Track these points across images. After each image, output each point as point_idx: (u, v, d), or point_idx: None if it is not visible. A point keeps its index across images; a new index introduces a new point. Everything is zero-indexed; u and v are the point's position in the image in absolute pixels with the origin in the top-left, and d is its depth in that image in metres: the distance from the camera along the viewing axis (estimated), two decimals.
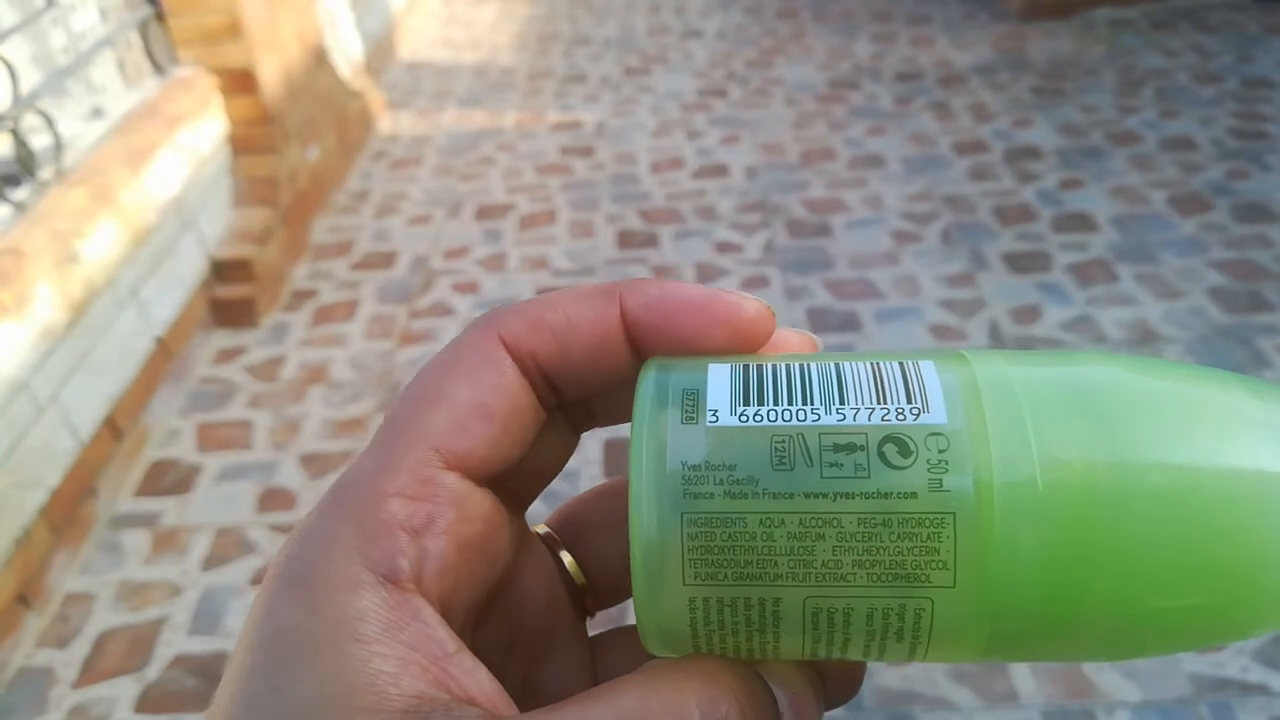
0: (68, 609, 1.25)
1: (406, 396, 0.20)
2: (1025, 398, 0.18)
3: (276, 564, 0.18)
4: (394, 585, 0.17)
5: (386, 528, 0.18)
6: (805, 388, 0.19)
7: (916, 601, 0.17)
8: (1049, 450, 0.17)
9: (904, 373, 0.19)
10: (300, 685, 0.16)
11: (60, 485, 1.29)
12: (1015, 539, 0.17)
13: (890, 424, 0.18)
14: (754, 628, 0.18)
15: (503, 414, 0.20)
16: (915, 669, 1.10)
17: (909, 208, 2.01)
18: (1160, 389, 0.19)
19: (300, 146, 2.03)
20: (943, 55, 2.75)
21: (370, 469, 0.19)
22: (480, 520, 0.19)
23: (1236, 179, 2.00)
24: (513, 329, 0.20)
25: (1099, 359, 0.19)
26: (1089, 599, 0.17)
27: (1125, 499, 0.17)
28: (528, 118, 2.57)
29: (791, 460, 0.18)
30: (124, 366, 1.48)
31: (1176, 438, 0.18)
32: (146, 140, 1.62)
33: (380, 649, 0.17)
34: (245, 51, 1.83)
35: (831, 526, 0.17)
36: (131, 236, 1.53)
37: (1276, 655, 1.09)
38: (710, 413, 0.18)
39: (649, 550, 0.18)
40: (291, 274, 1.92)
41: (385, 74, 2.86)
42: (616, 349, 0.20)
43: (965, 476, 0.17)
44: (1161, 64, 2.56)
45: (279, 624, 0.17)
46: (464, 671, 0.17)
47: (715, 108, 2.55)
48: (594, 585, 0.24)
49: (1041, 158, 2.16)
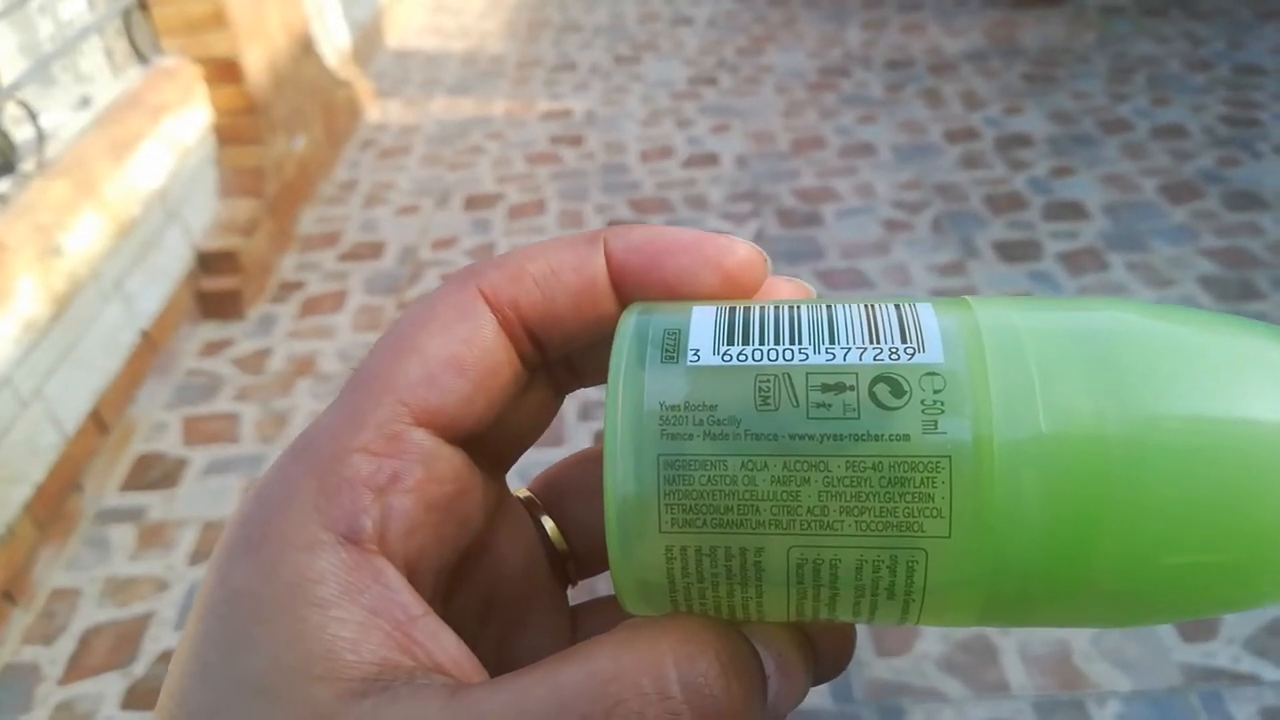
0: (53, 605, 1.24)
1: (375, 350, 0.19)
2: (1031, 342, 0.17)
3: (231, 525, 0.17)
4: (355, 546, 0.16)
5: (348, 485, 0.17)
6: (794, 328, 0.18)
7: (909, 553, 0.16)
8: (1056, 396, 0.16)
9: (900, 314, 0.18)
10: (253, 653, 0.15)
11: (45, 480, 1.28)
12: (1017, 489, 0.16)
13: (883, 363, 0.17)
14: (736, 580, 0.17)
15: (478, 369, 0.18)
16: (905, 659, 1.10)
17: (900, 196, 2.00)
18: (1178, 336, 0.17)
19: (286, 136, 2.01)
20: (934, 42, 2.74)
21: (333, 423, 0.18)
22: (451, 480, 0.18)
23: (1228, 166, 2.00)
24: (492, 280, 0.19)
25: (1113, 305, 0.18)
26: (1097, 556, 0.16)
27: (1139, 451, 0.16)
28: (517, 106, 2.55)
29: (776, 401, 0.17)
30: (109, 360, 1.47)
31: (1195, 387, 0.16)
32: (130, 131, 1.61)
33: (338, 613, 0.16)
34: (230, 40, 1.81)
35: (818, 470, 0.16)
36: (115, 228, 1.51)
37: (1267, 644, 1.09)
38: (691, 352, 0.17)
39: (624, 494, 0.17)
40: (278, 265, 1.91)
41: (373, 62, 2.83)
42: (601, 297, 0.19)
43: (963, 419, 0.16)
44: (1153, 51, 2.56)
45: (231, 588, 0.16)
46: (429, 636, 0.16)
47: (705, 96, 2.54)
48: (576, 552, 0.23)
49: (1032, 145, 2.15)
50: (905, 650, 1.11)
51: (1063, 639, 1.11)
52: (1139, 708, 1.03)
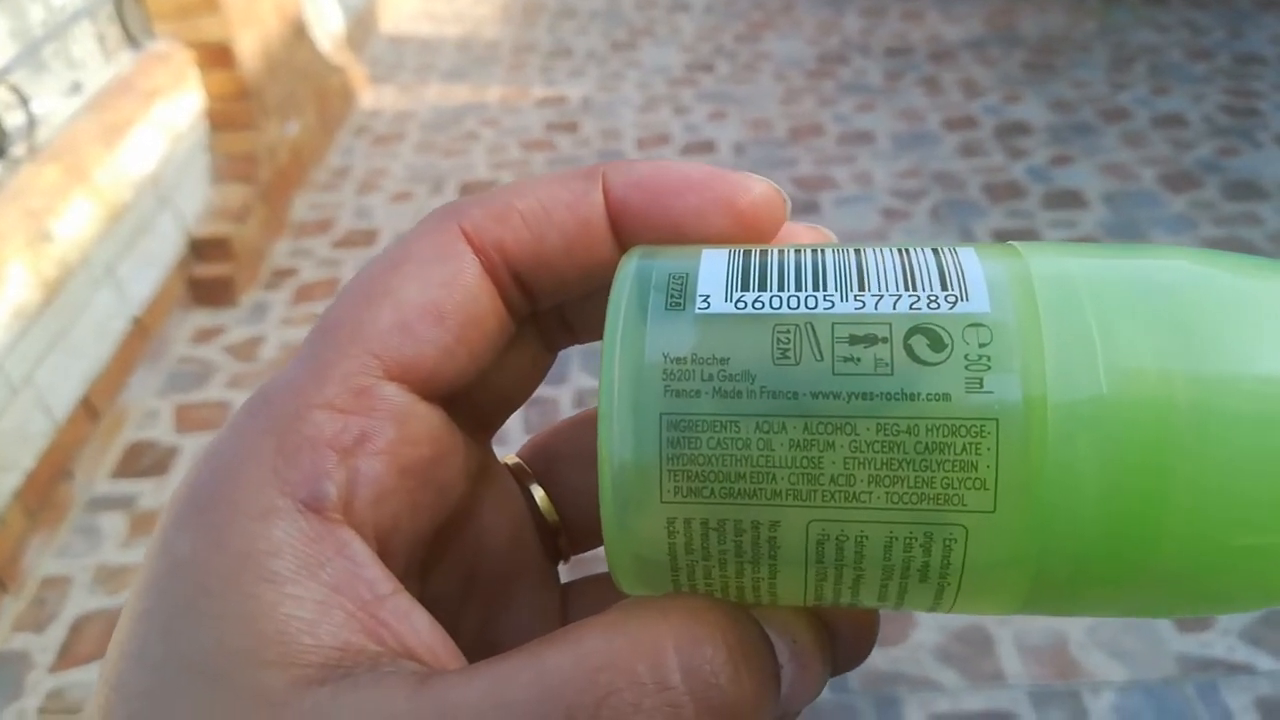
0: (44, 593, 1.24)
1: (343, 295, 0.17)
2: (1089, 292, 0.15)
3: (179, 490, 0.15)
4: (316, 514, 0.15)
5: (310, 445, 0.15)
6: (818, 273, 0.16)
7: (947, 530, 0.14)
8: (1118, 354, 0.14)
9: (939, 259, 0.16)
10: (196, 633, 0.14)
11: (35, 468, 1.27)
12: (1072, 457, 0.14)
13: (920, 312, 0.15)
14: (746, 558, 0.15)
15: (459, 317, 0.16)
16: (901, 649, 1.09)
17: (898, 185, 1.99)
18: (1255, 289, 0.15)
19: (279, 122, 2.00)
20: (933, 30, 2.73)
21: (294, 377, 0.16)
22: (427, 442, 0.16)
23: (1227, 156, 1.99)
24: (475, 218, 0.17)
25: (1181, 253, 0.16)
26: (1159, 535, 0.14)
27: (1209, 417, 0.14)
28: (512, 92, 2.53)
29: (797, 354, 0.15)
30: (100, 346, 1.46)
31: (1268, 346, 0.14)
32: (121, 116, 1.59)
33: (295, 590, 0.14)
34: (222, 25, 1.79)
35: (844, 434, 0.14)
36: (107, 214, 1.50)
37: (1263, 634, 1.08)
38: (700, 298, 0.15)
39: (620, 458, 0.15)
40: (271, 252, 1.89)
41: (367, 48, 2.81)
42: (598, 239, 0.17)
43: (1011, 376, 0.14)
44: (1153, 40, 2.54)
45: (174, 559, 0.14)
46: (399, 617, 0.15)
47: (702, 83, 2.52)
48: (569, 524, 0.21)
49: (1032, 134, 2.14)
50: (901, 640, 1.11)
51: (1059, 628, 1.10)
52: (1134, 697, 1.03)
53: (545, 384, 0.25)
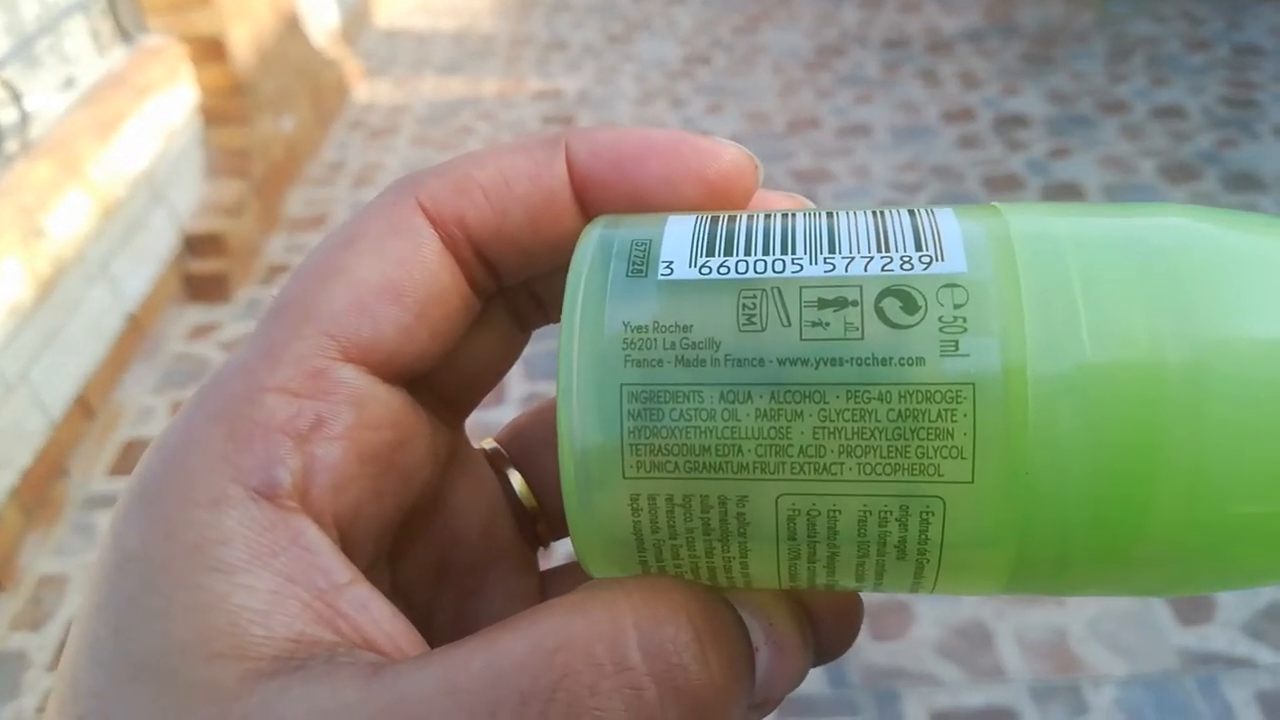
0: (41, 592, 1.23)
1: (296, 274, 0.16)
2: (1074, 251, 0.14)
3: (129, 481, 0.15)
4: (269, 502, 0.14)
5: (262, 430, 0.14)
6: (787, 237, 0.15)
7: (923, 501, 0.14)
8: (1102, 314, 0.13)
9: (915, 220, 0.15)
10: (145, 628, 0.13)
11: (31, 466, 1.27)
12: (1054, 423, 0.13)
13: (893, 274, 0.14)
14: (715, 536, 0.14)
15: (417, 295, 0.16)
16: (901, 644, 1.09)
17: (897, 177, 1.99)
18: (1251, 246, 0.14)
19: (273, 117, 1.99)
20: (931, 21, 2.72)
21: (246, 360, 0.15)
22: (388, 425, 0.16)
23: (1226, 148, 1.99)
24: (433, 190, 0.16)
25: (1171, 210, 0.15)
26: (1150, 506, 0.13)
27: (1203, 380, 0.13)
28: (508, 86, 2.52)
29: (763, 319, 0.14)
30: (95, 343, 1.45)
31: (1272, 306, 0.14)
32: (115, 111, 1.58)
33: (247, 580, 0.13)
34: (216, 19, 1.78)
35: (813, 402, 0.14)
36: (100, 210, 1.49)
37: (1264, 628, 1.08)
38: (664, 264, 0.15)
39: (580, 432, 0.14)
40: (266, 247, 1.88)
41: (361, 41, 2.80)
42: (563, 211, 0.17)
43: (989, 338, 0.13)
44: (1152, 31, 2.54)
45: (123, 553, 0.14)
46: (357, 608, 0.14)
47: (699, 76, 2.51)
48: (547, 510, 0.20)
49: (1030, 126, 2.13)
50: (901, 635, 1.10)
51: (1059, 623, 1.10)
52: (1135, 691, 1.03)
53: (546, 373, 0.24)
